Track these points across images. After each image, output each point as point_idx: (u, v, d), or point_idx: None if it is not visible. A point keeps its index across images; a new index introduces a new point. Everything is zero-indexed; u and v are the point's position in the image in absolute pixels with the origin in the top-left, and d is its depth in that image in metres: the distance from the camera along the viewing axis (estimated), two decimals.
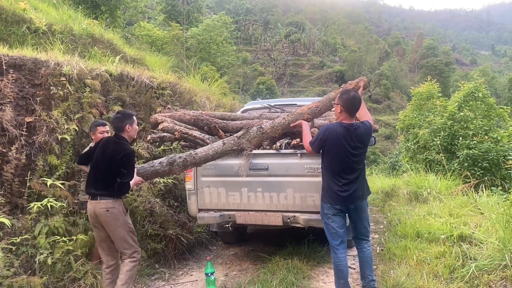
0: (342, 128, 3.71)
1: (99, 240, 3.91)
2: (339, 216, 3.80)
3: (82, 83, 5.41)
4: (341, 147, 3.68)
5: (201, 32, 24.49)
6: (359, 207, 3.83)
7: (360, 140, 3.74)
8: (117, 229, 3.76)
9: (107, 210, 3.70)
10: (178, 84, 7.77)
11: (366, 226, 3.94)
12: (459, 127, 11.90)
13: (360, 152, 3.77)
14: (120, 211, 3.77)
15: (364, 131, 3.76)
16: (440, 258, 4.36)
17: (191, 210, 5.29)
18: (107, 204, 3.71)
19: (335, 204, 3.75)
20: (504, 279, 3.69)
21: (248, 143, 4.59)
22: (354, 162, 3.73)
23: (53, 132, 4.87)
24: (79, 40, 8.78)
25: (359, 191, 3.77)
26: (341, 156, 3.70)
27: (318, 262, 5.16)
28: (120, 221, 3.76)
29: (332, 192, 3.76)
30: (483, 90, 12.68)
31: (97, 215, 3.73)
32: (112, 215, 3.71)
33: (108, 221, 3.72)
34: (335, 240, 3.79)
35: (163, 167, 4.26)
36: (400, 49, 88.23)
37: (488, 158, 10.55)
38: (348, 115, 3.76)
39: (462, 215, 5.66)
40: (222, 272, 5.15)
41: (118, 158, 3.72)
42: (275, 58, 59.06)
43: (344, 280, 3.77)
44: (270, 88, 41.34)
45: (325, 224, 3.88)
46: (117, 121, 3.91)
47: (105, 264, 3.92)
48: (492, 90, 38.88)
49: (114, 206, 3.73)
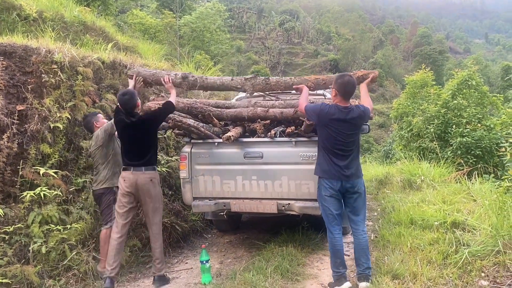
0: (336, 109, 3.83)
1: (123, 210, 4.33)
2: (335, 199, 3.87)
3: (74, 70, 5.33)
4: (334, 127, 3.80)
5: (194, 20, 24.28)
6: (355, 187, 3.86)
7: (353, 122, 3.84)
8: (154, 198, 4.38)
9: (151, 180, 4.32)
10: (172, 72, 7.69)
11: (363, 211, 3.98)
12: (452, 115, 11.96)
13: (353, 133, 3.86)
14: (159, 181, 4.51)
15: (358, 114, 3.85)
16: (434, 245, 4.39)
17: (186, 199, 5.28)
18: (151, 175, 4.35)
19: (330, 179, 3.83)
20: (496, 264, 3.73)
21: (251, 87, 4.84)
22: (347, 143, 3.83)
23: (45, 120, 4.81)
24: (71, 27, 8.64)
25: (351, 168, 3.85)
26: (334, 135, 3.81)
27: (312, 249, 5.18)
28: (157, 190, 4.43)
29: (325, 166, 3.87)
30: (477, 78, 12.72)
31: (138, 184, 4.27)
32: (154, 184, 4.36)
33: (150, 190, 4.33)
34: (331, 221, 3.88)
35: (176, 79, 4.93)
36: (394, 38, 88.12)
37: (481, 145, 10.63)
38: (342, 98, 3.86)
39: (455, 202, 5.71)
40: (217, 259, 5.16)
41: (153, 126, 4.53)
42: (269, 46, 58.83)
43: (341, 259, 3.85)
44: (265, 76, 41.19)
45: (321, 206, 3.97)
46: (129, 101, 4.34)
47: (118, 233, 4.28)
48: (485, 79, 38.92)
49: (155, 177, 4.41)
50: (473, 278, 3.60)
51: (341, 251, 3.88)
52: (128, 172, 4.33)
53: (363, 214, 4.01)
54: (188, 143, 5.27)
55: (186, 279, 4.60)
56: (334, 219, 3.88)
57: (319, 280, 4.29)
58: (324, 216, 3.96)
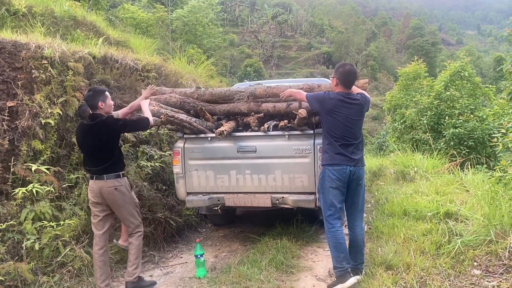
0: (340, 96, 3.78)
1: (97, 220, 4.02)
2: (340, 191, 3.76)
3: (64, 66, 5.28)
4: (341, 112, 3.74)
5: (186, 14, 24.13)
6: (360, 177, 3.80)
7: (359, 108, 3.82)
8: (125, 205, 3.97)
9: (115, 189, 3.89)
10: (164, 66, 7.66)
11: (362, 204, 3.93)
12: (445, 106, 12.01)
13: (359, 120, 3.83)
14: (126, 188, 4.00)
15: (361, 99, 3.85)
16: (427, 235, 4.42)
17: (180, 194, 5.28)
18: (114, 183, 3.89)
19: (338, 166, 3.71)
20: (489, 254, 3.76)
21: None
22: (354, 130, 3.78)
23: (36, 116, 4.77)
24: (61, 22, 8.55)
25: (359, 154, 3.79)
26: (342, 121, 3.73)
27: (307, 241, 5.21)
28: (127, 197, 3.98)
29: (333, 153, 3.76)
30: (469, 69, 12.75)
31: (103, 194, 3.89)
32: (120, 192, 3.92)
33: (116, 199, 3.91)
34: (333, 214, 3.75)
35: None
36: (387, 30, 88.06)
37: (474, 136, 10.69)
38: (343, 87, 3.82)
39: (448, 193, 5.74)
40: (211, 253, 5.17)
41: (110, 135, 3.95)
42: (262, 40, 58.58)
43: (344, 253, 3.73)
44: (258, 70, 41.13)
45: (323, 198, 3.84)
46: (90, 99, 3.92)
47: (97, 245, 3.97)
48: (478, 70, 39.14)
49: (121, 184, 3.93)
50: (466, 268, 3.63)
51: (344, 244, 3.75)
52: (92, 181, 3.96)
53: (362, 208, 3.95)
54: (181, 138, 5.26)
55: (181, 273, 4.60)
56: (336, 212, 3.75)
57: (314, 272, 4.32)
58: (325, 208, 3.81)
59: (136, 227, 4.10)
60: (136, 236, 4.10)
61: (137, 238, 4.09)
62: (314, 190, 4.77)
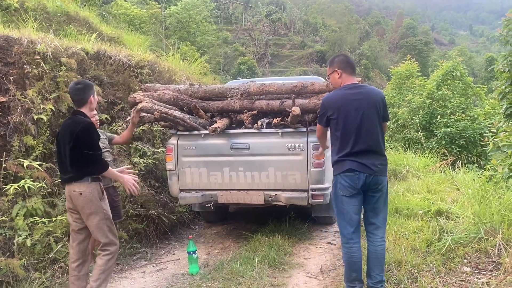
0: (344, 91, 3.31)
1: (71, 229, 3.53)
2: (355, 199, 3.24)
3: (57, 61, 5.25)
4: (348, 109, 3.22)
5: (180, 11, 24.08)
6: (380, 183, 3.23)
7: (368, 100, 3.25)
8: (91, 216, 3.35)
9: (80, 194, 3.32)
10: (157, 63, 7.63)
11: (385, 213, 3.38)
12: (437, 105, 12.12)
13: (371, 114, 3.22)
14: (95, 195, 3.35)
15: (371, 90, 3.34)
16: (418, 233, 4.47)
17: (173, 191, 5.28)
18: (81, 187, 3.32)
19: (350, 173, 3.18)
20: (478, 251, 3.82)
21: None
22: (367, 126, 3.20)
23: (28, 112, 4.73)
24: (53, 17, 8.49)
25: (379, 160, 3.24)
26: (351, 119, 3.20)
27: (299, 238, 5.23)
28: (94, 206, 3.34)
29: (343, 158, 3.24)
30: (461, 69, 12.88)
31: (72, 199, 3.37)
32: (86, 199, 3.32)
33: (84, 207, 3.34)
34: (349, 227, 3.25)
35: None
36: (380, 29, 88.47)
37: (465, 136, 10.81)
38: (349, 74, 3.36)
39: (440, 191, 5.80)
40: (204, 250, 5.17)
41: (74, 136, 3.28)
42: (256, 38, 58.50)
43: (357, 273, 3.26)
44: (251, 68, 41.13)
45: (337, 209, 3.36)
46: (79, 92, 3.44)
47: (71, 258, 3.49)
48: (470, 70, 39.39)
49: (88, 189, 3.32)
50: (456, 265, 3.69)
51: (359, 263, 3.26)
52: (65, 185, 3.47)
53: (384, 217, 3.39)
54: (174, 135, 5.25)
55: (174, 270, 4.61)
56: (353, 224, 3.25)
57: (306, 269, 4.34)
58: (341, 220, 3.32)
59: (104, 245, 3.41)
60: (102, 255, 3.41)
61: (102, 257, 3.40)
62: (307, 188, 4.80)
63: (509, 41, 6.24)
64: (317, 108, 4.74)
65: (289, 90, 4.96)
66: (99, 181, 3.44)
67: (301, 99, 4.93)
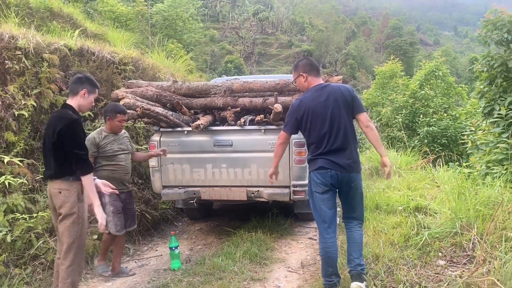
0: (312, 93, 3.40)
1: (55, 227, 3.40)
2: (328, 194, 3.33)
3: (39, 57, 5.22)
4: (318, 110, 3.31)
5: (166, 8, 23.89)
6: (353, 181, 3.32)
7: (335, 97, 3.31)
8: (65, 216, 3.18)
9: (60, 192, 3.20)
10: (141, 60, 7.62)
11: (361, 207, 3.50)
12: (420, 105, 12.32)
13: (339, 111, 3.30)
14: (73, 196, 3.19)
15: (336, 88, 3.37)
16: (397, 228, 4.56)
17: (155, 187, 5.29)
18: (61, 185, 3.20)
19: (321, 171, 3.29)
20: (454, 245, 3.92)
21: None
22: (337, 125, 3.29)
23: (9, 108, 4.71)
24: (36, 13, 8.41)
25: (350, 158, 3.30)
26: (320, 119, 3.30)
27: (281, 234, 5.29)
28: (69, 205, 3.16)
29: (315, 156, 3.35)
30: (443, 69, 13.10)
31: (51, 195, 3.26)
32: (64, 197, 3.18)
33: (61, 205, 3.19)
34: (323, 222, 3.34)
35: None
36: (367, 29, 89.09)
37: (447, 134, 11.01)
38: (314, 76, 3.45)
39: (420, 188, 5.91)
40: (187, 246, 5.20)
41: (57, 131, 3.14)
42: (243, 36, 58.46)
43: (333, 267, 3.36)
44: (239, 67, 41.09)
45: (312, 204, 3.46)
46: (74, 81, 3.33)
47: (58, 254, 3.36)
48: (454, 70, 40.04)
49: (68, 188, 3.19)
50: (432, 258, 3.78)
51: (335, 258, 3.35)
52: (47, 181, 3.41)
53: (360, 212, 3.50)
54: (157, 131, 5.27)
55: (156, 265, 4.63)
56: (327, 219, 3.33)
57: (287, 263, 4.40)
58: (315, 215, 3.44)
59: (67, 250, 3.15)
60: (65, 266, 3.14)
61: (65, 270, 3.14)
62: (289, 184, 4.86)
63: (487, 42, 6.39)
64: None
65: (272, 87, 5.02)
66: (80, 181, 3.22)
67: (284, 96, 4.99)
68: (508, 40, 6.11)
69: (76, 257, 3.19)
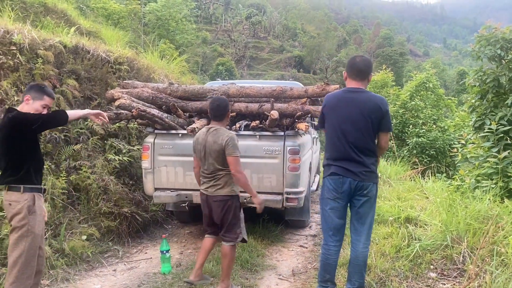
0: (342, 93, 3.35)
1: None
2: (339, 204, 3.24)
3: (34, 53, 5.16)
4: (339, 113, 3.24)
5: (160, 8, 23.85)
6: (365, 189, 3.19)
7: (362, 107, 3.17)
8: (13, 229, 3.01)
9: (10, 204, 3.02)
10: (136, 60, 7.57)
11: (369, 220, 3.31)
12: (410, 115, 12.45)
13: (360, 122, 3.16)
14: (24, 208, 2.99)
15: (370, 99, 3.22)
16: (388, 239, 4.59)
17: (147, 189, 5.24)
18: (11, 196, 3.02)
19: (338, 173, 3.19)
20: (444, 258, 3.96)
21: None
22: (354, 134, 3.17)
23: (2, 103, 4.63)
24: (31, 8, 8.31)
25: (363, 167, 3.17)
26: (339, 123, 3.22)
27: (272, 241, 5.29)
28: (18, 219, 2.97)
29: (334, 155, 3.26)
30: (434, 81, 13.27)
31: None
32: (13, 210, 3.00)
33: (9, 217, 3.05)
34: (329, 230, 3.29)
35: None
36: (358, 38, 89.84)
37: (435, 146, 11.15)
38: (352, 79, 3.30)
39: (409, 199, 5.96)
40: (177, 250, 5.16)
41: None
42: (236, 39, 58.48)
43: (331, 275, 3.33)
44: (230, 70, 41.04)
45: (321, 210, 3.40)
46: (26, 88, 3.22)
47: None
48: (442, 82, 40.53)
49: (18, 200, 3.00)
50: (423, 270, 3.82)
51: (334, 266, 3.32)
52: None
53: (369, 224, 3.33)
54: (151, 133, 5.22)
55: (146, 268, 4.58)
56: (333, 227, 3.28)
57: (278, 271, 4.40)
58: (322, 221, 3.39)
59: (12, 266, 2.98)
60: (8, 283, 2.97)
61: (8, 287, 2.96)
62: (282, 191, 4.86)
63: (480, 57, 6.50)
64: (295, 113, 4.82)
65: (268, 94, 5.03)
66: (33, 192, 3.07)
67: (280, 103, 5.00)
68: (501, 56, 6.23)
69: (22, 274, 2.98)
